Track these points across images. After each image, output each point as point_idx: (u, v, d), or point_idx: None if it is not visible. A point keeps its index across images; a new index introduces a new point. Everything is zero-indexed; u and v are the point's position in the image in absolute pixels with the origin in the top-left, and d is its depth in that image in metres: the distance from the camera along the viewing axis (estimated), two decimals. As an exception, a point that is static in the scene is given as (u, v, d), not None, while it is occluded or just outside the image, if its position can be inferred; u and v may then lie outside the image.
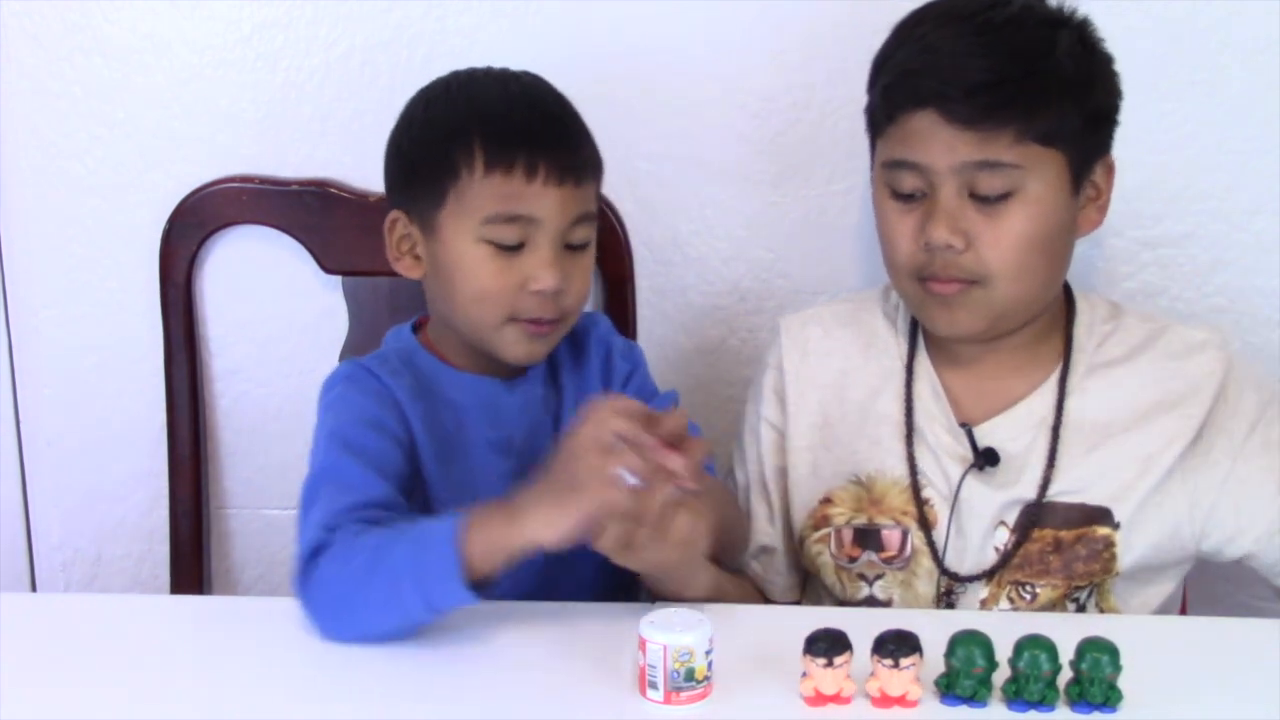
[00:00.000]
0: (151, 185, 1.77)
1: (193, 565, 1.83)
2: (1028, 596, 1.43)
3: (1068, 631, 1.16)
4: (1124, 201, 1.67)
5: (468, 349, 1.45)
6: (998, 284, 1.37)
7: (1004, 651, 1.15)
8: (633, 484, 1.20)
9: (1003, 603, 1.43)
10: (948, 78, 1.34)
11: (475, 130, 1.38)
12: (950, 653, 1.15)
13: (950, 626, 1.17)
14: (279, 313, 1.82)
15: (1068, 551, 1.42)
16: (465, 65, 1.48)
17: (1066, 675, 1.15)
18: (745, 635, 1.26)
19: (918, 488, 1.45)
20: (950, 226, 1.35)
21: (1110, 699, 1.15)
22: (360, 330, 1.77)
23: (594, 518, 1.20)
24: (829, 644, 1.15)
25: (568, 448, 1.23)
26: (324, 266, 1.76)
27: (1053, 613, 1.42)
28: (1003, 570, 1.43)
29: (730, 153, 1.76)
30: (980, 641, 1.15)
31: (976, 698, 1.16)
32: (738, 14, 1.71)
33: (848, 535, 1.48)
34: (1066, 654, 1.15)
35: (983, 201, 1.36)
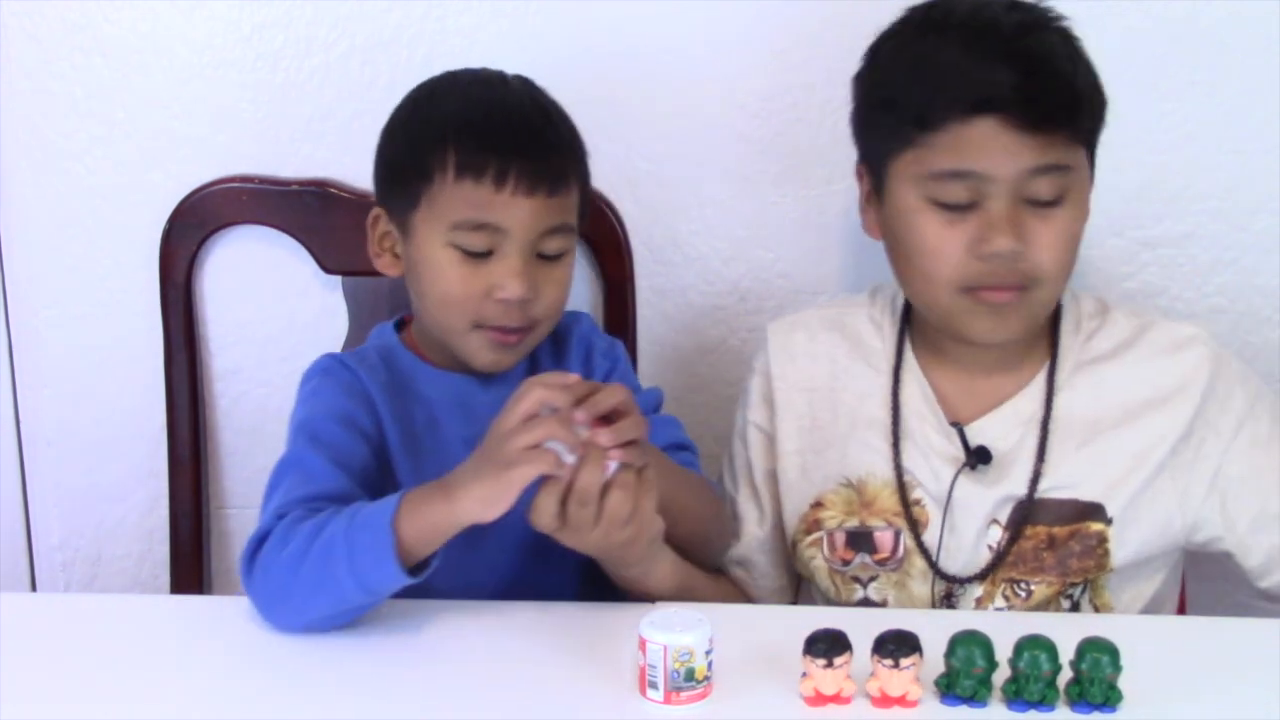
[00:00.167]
0: (151, 185, 1.77)
1: (193, 565, 1.83)
2: (1023, 594, 1.43)
3: (1068, 631, 1.16)
4: (1124, 201, 1.67)
5: (445, 347, 1.45)
6: (1046, 286, 1.38)
7: (1004, 651, 1.15)
8: (565, 459, 1.20)
9: (998, 600, 1.43)
10: (1006, 84, 1.33)
11: (450, 135, 1.38)
12: (950, 653, 1.15)
13: (950, 626, 1.17)
14: (279, 313, 1.82)
15: (1062, 548, 1.42)
16: (465, 65, 1.49)
17: (1066, 675, 1.15)
18: (745, 635, 1.26)
19: (905, 489, 1.45)
20: (1015, 234, 1.35)
21: (1110, 699, 1.15)
22: (360, 330, 1.76)
23: (525, 492, 1.19)
24: (829, 644, 1.15)
25: (499, 424, 1.22)
26: (324, 266, 1.77)
27: (1053, 613, 1.42)
28: (997, 568, 1.43)
29: (730, 153, 1.76)
30: (980, 641, 1.15)
31: (976, 698, 1.16)
32: (738, 14, 1.71)
33: (840, 538, 1.48)
34: (1066, 654, 1.15)
35: (1036, 205, 1.36)
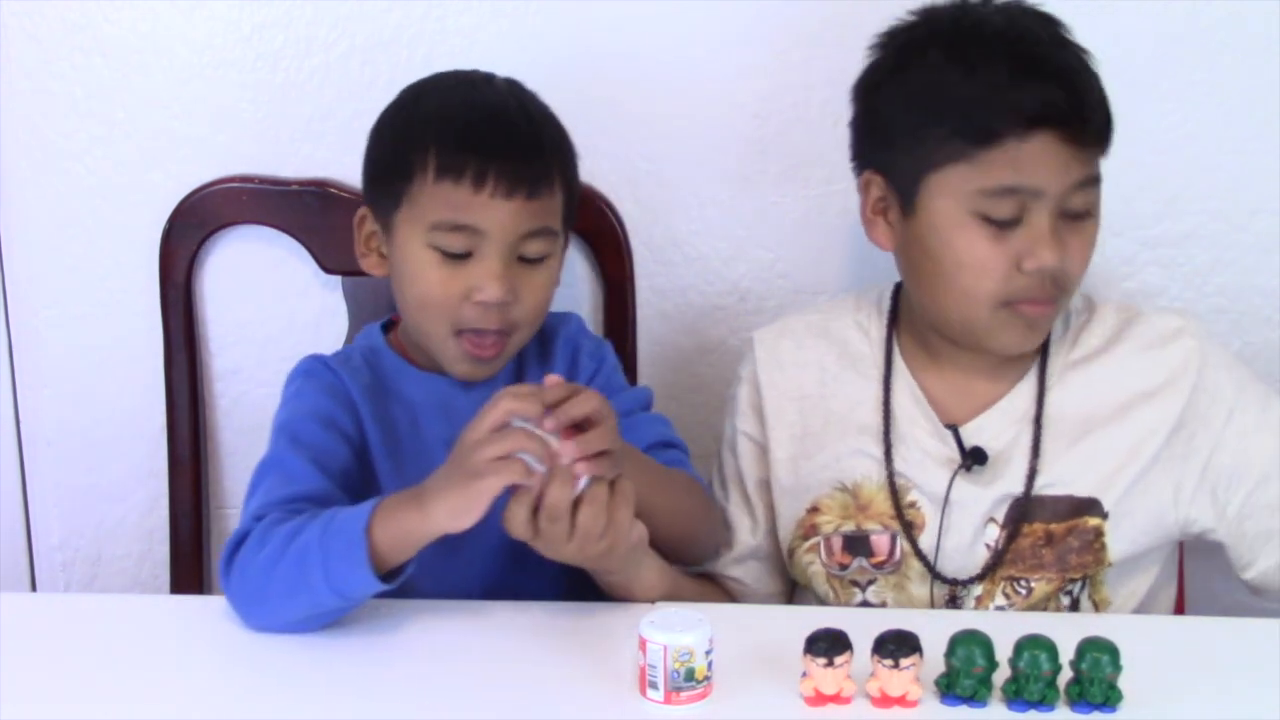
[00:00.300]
0: (151, 185, 1.76)
1: (193, 565, 1.83)
2: (1023, 592, 1.43)
3: (1068, 631, 1.16)
4: (1124, 201, 1.67)
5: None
6: (1069, 294, 1.41)
7: (1004, 651, 1.15)
8: (535, 468, 1.19)
9: (998, 599, 1.43)
10: (1059, 100, 1.32)
11: (431, 135, 1.38)
12: (950, 653, 1.15)
13: (950, 626, 1.17)
14: (279, 313, 1.82)
15: (1060, 544, 1.42)
16: (465, 65, 1.49)
17: (1066, 675, 1.15)
18: (745, 635, 1.26)
19: (899, 493, 1.45)
20: (1060, 249, 1.35)
21: (1110, 699, 1.15)
22: (360, 330, 1.76)
23: (498, 499, 1.19)
24: (829, 644, 1.15)
25: (466, 434, 1.22)
26: (324, 266, 1.76)
27: (1053, 613, 1.42)
28: (997, 567, 1.43)
29: (730, 153, 1.75)
30: (980, 641, 1.15)
31: (976, 698, 1.16)
32: (738, 14, 1.71)
33: (837, 543, 1.48)
34: (1066, 654, 1.15)
35: (1071, 218, 1.37)
